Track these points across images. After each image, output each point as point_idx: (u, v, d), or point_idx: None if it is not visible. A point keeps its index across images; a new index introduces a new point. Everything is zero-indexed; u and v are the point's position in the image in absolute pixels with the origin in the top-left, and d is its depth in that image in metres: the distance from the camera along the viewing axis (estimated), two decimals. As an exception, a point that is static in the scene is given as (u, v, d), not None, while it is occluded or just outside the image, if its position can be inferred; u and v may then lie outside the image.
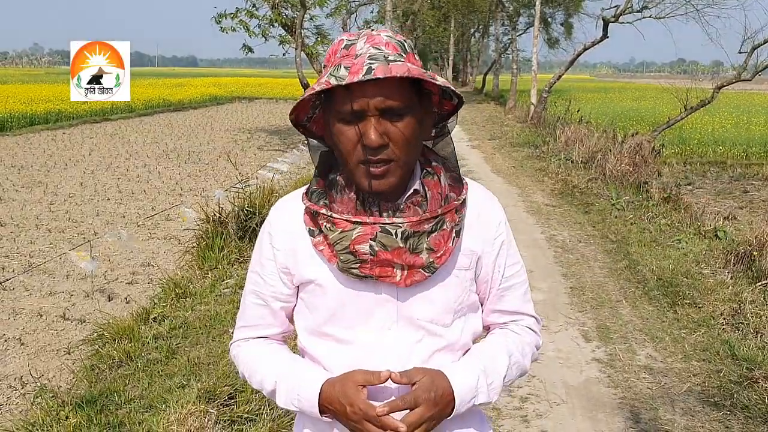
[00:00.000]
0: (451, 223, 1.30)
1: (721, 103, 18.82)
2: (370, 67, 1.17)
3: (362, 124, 1.22)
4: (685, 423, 3.55)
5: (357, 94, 1.20)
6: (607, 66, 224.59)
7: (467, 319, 1.39)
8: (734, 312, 4.91)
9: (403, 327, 1.32)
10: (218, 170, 13.31)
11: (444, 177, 1.34)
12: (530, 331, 1.47)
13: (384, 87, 1.20)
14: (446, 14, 43.88)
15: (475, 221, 1.38)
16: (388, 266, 1.27)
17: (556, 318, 5.03)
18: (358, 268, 1.27)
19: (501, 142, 16.48)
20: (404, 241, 1.26)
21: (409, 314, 1.32)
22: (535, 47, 22.68)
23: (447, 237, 1.29)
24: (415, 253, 1.27)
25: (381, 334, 1.32)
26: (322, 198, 1.32)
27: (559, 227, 7.91)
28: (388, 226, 1.26)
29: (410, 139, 1.25)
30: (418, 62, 1.28)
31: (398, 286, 1.30)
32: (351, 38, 1.26)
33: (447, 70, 60.64)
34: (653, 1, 18.39)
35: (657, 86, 32.57)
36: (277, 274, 1.40)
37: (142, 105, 27.91)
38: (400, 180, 1.27)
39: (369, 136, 1.21)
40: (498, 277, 1.42)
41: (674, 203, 9.01)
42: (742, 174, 15.89)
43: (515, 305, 1.45)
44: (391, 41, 1.24)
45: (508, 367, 1.37)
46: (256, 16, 16.72)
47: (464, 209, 1.34)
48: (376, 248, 1.25)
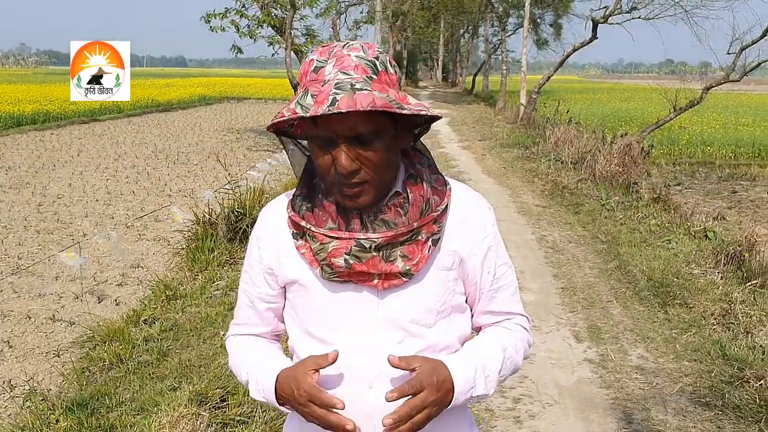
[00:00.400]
0: (427, 233, 1.32)
1: (710, 103, 18.93)
2: (334, 98, 1.17)
3: (334, 150, 1.24)
4: (677, 423, 3.56)
5: (325, 124, 1.22)
6: (596, 67, 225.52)
7: (452, 320, 1.40)
8: (725, 312, 4.93)
9: (385, 328, 1.34)
10: (207, 171, 13.26)
11: (427, 180, 1.35)
12: (522, 328, 1.48)
13: (351, 116, 1.20)
14: (436, 15, 43.98)
15: (461, 222, 1.38)
16: (366, 274, 1.30)
17: (547, 318, 5.04)
18: (337, 276, 1.31)
19: (491, 142, 16.51)
20: (377, 251, 1.28)
21: (390, 315, 1.34)
22: (525, 48, 22.73)
23: (422, 246, 1.31)
24: (389, 261, 1.29)
25: (362, 335, 1.34)
26: (305, 203, 1.35)
27: (549, 228, 7.93)
28: (363, 240, 1.28)
29: (383, 161, 1.27)
30: (393, 76, 1.28)
31: (375, 289, 1.32)
32: (321, 59, 1.25)
33: (437, 70, 60.69)
34: (642, 2, 18.48)
35: (645, 87, 32.73)
36: (262, 275, 1.43)
37: (131, 105, 27.72)
38: (375, 197, 1.29)
39: (340, 163, 1.23)
40: (488, 279, 1.43)
41: (664, 204, 9.05)
42: (731, 174, 16.00)
43: (506, 306, 1.47)
44: (361, 63, 1.23)
45: (503, 361, 1.38)
46: (245, 16, 16.66)
47: (445, 216, 1.35)
48: (351, 261, 1.28)
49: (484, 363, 1.35)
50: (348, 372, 1.34)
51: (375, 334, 1.34)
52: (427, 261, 1.33)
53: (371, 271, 1.29)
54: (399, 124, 1.30)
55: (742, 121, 22.75)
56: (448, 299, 1.38)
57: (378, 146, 1.25)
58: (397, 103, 1.21)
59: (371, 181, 1.27)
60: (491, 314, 1.47)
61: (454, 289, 1.39)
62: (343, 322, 1.35)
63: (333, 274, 1.31)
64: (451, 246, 1.37)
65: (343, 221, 1.31)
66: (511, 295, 1.48)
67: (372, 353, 1.33)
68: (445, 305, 1.38)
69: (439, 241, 1.35)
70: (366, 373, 1.33)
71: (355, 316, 1.34)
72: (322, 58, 1.25)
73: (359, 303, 1.34)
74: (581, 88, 47.71)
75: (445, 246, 1.36)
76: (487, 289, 1.44)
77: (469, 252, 1.39)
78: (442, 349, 1.37)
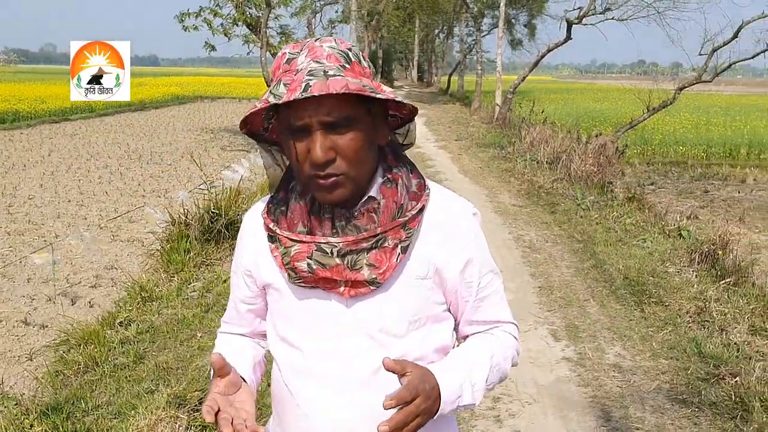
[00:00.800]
0: (394, 239, 1.27)
1: (682, 104, 19.19)
2: (307, 83, 1.16)
3: (309, 139, 1.22)
4: (655, 420, 3.59)
5: (299, 110, 1.20)
6: (569, 67, 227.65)
7: (428, 330, 1.35)
8: (700, 310, 4.99)
9: (353, 336, 1.31)
10: (181, 171, 13.14)
11: (403, 185, 1.31)
12: (510, 336, 1.45)
13: (325, 102, 1.19)
14: (411, 14, 44.01)
15: (436, 230, 1.33)
16: (331, 281, 1.27)
17: (525, 317, 5.06)
18: (303, 282, 1.29)
19: (467, 142, 16.57)
20: (341, 258, 1.25)
21: (358, 324, 1.31)
22: (500, 48, 22.85)
23: (390, 253, 1.27)
24: (355, 269, 1.26)
25: (330, 343, 1.32)
26: (280, 206, 1.33)
27: (526, 227, 7.97)
28: (323, 245, 1.26)
29: (359, 150, 1.24)
30: (366, 69, 1.27)
31: (344, 296, 1.29)
32: (293, 51, 1.25)
33: (412, 70, 60.79)
34: (616, 3, 18.69)
35: (619, 87, 33.11)
36: (242, 277, 1.44)
37: (103, 105, 27.38)
38: (351, 192, 1.26)
39: (315, 151, 1.21)
40: (471, 289, 1.38)
41: (638, 203, 9.15)
42: (703, 174, 16.26)
43: (493, 314, 1.43)
44: (334, 52, 1.23)
45: (490, 369, 1.35)
46: (219, 14, 16.56)
47: (416, 222, 1.30)
48: (314, 266, 1.26)
49: (470, 372, 1.31)
50: (316, 379, 1.32)
51: (343, 342, 1.31)
52: (396, 269, 1.29)
53: (335, 278, 1.26)
54: (375, 119, 1.28)
55: (713, 121, 23.12)
56: (423, 309, 1.34)
57: (354, 135, 1.23)
58: (371, 89, 1.20)
59: (347, 173, 1.24)
60: (477, 324, 1.43)
61: (429, 299, 1.35)
62: (310, 328, 1.33)
63: (298, 278, 1.29)
64: (425, 254, 1.32)
65: (314, 224, 1.28)
66: (498, 303, 1.43)
67: (340, 360, 1.31)
68: (419, 315, 1.33)
69: (409, 248, 1.30)
70: (333, 381, 1.31)
71: (322, 322, 1.32)
72: (295, 51, 1.24)
73: (327, 310, 1.31)
74: (555, 89, 48.10)
75: (418, 254, 1.32)
76: (471, 300, 1.39)
77: (445, 261, 1.34)
78: (414, 360, 1.30)
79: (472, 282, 1.37)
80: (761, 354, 4.32)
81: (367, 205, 1.28)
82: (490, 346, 1.39)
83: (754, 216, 11.47)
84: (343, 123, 1.21)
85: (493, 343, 1.40)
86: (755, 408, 3.57)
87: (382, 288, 1.29)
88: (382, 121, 1.32)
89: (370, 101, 1.25)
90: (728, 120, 23.33)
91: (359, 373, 1.30)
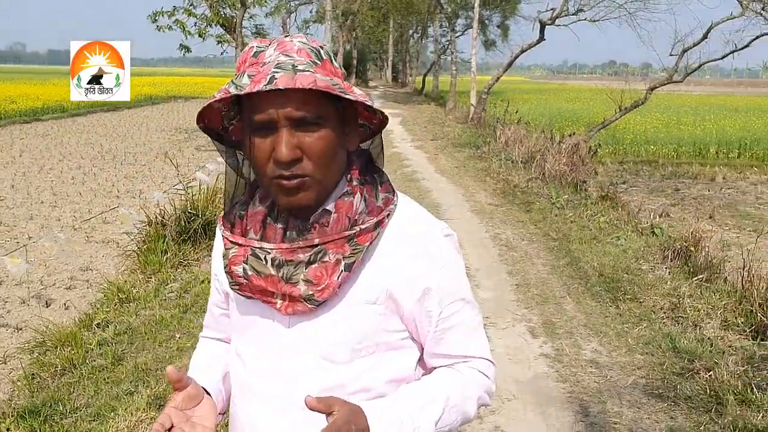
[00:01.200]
0: (336, 254, 1.15)
1: (653, 104, 19.47)
2: (273, 76, 1.08)
3: (274, 136, 1.13)
4: (632, 415, 3.65)
5: (264, 105, 1.12)
6: (542, 68, 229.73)
7: (379, 359, 1.23)
8: (673, 306, 5.08)
9: (292, 356, 1.22)
10: (155, 171, 13.02)
11: (362, 199, 1.20)
12: (478, 373, 1.29)
13: (292, 97, 1.11)
14: (385, 15, 44.11)
15: (399, 250, 1.21)
16: (267, 293, 1.19)
17: (503, 315, 5.10)
18: (239, 289, 1.21)
19: (443, 142, 16.64)
20: (276, 269, 1.16)
21: (297, 345, 1.21)
22: (474, 49, 22.98)
23: (331, 270, 1.15)
24: (290, 283, 1.16)
25: (271, 361, 1.24)
26: (240, 210, 1.26)
27: (502, 226, 8.04)
28: (257, 250, 1.18)
29: (326, 152, 1.15)
30: (337, 69, 1.19)
31: (280, 313, 1.20)
32: (261, 45, 1.17)
33: (387, 70, 60.83)
34: (588, 5, 18.90)
35: (591, 87, 33.46)
36: (214, 280, 1.40)
37: (74, 105, 27.02)
38: (316, 196, 1.18)
39: (280, 149, 1.12)
40: (431, 319, 1.24)
41: (611, 201, 9.28)
42: (673, 173, 16.52)
43: (458, 348, 1.28)
44: (305, 48, 1.15)
45: (444, 410, 1.21)
46: (193, 14, 16.45)
47: (368, 238, 1.17)
48: (249, 272, 1.18)
49: (417, 412, 1.18)
50: (256, 396, 1.26)
51: (284, 362, 1.23)
52: (339, 288, 1.17)
53: (270, 289, 1.17)
54: (345, 122, 1.21)
55: (683, 120, 23.47)
56: (371, 336, 1.21)
57: (322, 134, 1.14)
58: (341, 89, 1.11)
59: (313, 175, 1.15)
60: (440, 357, 1.28)
61: (380, 326, 1.22)
62: (254, 343, 1.26)
63: (235, 284, 1.21)
64: (378, 276, 1.20)
65: (267, 233, 1.20)
66: (467, 336, 1.28)
67: (282, 379, 1.23)
68: (366, 343, 1.21)
69: (359, 267, 1.18)
70: (274, 400, 1.23)
71: (264, 338, 1.24)
72: (263, 44, 1.17)
73: (269, 326, 1.23)
74: (528, 89, 48.49)
75: (370, 276, 1.20)
76: (432, 331, 1.25)
77: (401, 286, 1.21)
78: (357, 391, 1.21)
79: (431, 312, 1.24)
80: (733, 348, 4.42)
81: (321, 218, 1.19)
82: (448, 383, 1.25)
83: (723, 213, 11.70)
84: (311, 120, 1.13)
85: (454, 381, 1.26)
86: (729, 401, 3.65)
87: (324, 309, 1.19)
88: (353, 126, 1.23)
89: (339, 102, 1.17)
90: (698, 119, 23.71)
91: (296, 396, 1.17)
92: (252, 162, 1.18)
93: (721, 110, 28.57)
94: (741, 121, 23.62)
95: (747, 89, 74.38)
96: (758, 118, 24.86)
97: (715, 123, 22.68)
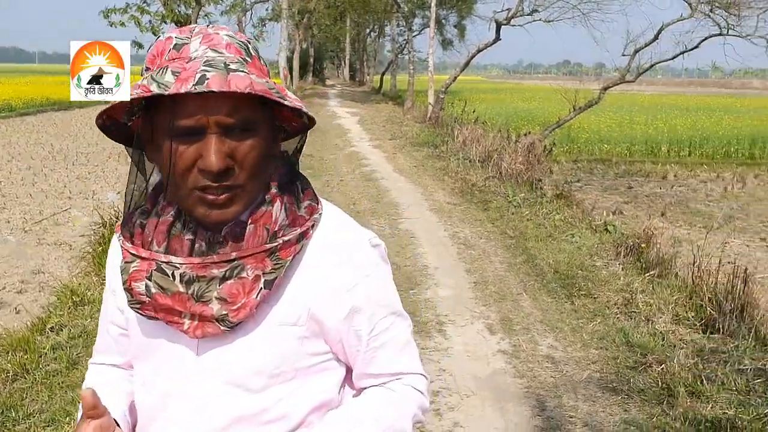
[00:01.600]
0: (255, 270, 1.04)
1: (606, 103, 19.86)
2: (203, 75, 0.94)
3: (200, 143, 1.00)
4: (587, 409, 3.73)
5: (191, 107, 0.98)
6: (498, 67, 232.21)
7: (300, 385, 1.12)
8: (626, 301, 5.21)
9: (201, 383, 1.10)
10: (109, 172, 12.77)
11: (282, 207, 1.08)
12: (412, 389, 1.20)
13: (225, 100, 0.98)
14: (342, 13, 44.05)
15: (321, 264, 1.10)
16: (173, 312, 1.05)
17: (462, 312, 5.16)
18: (140, 309, 1.07)
19: (401, 141, 16.70)
20: (185, 286, 1.02)
21: (206, 370, 1.09)
22: (431, 48, 23.11)
23: (249, 287, 1.03)
24: (201, 302, 1.03)
25: (178, 386, 1.11)
26: (140, 219, 1.10)
27: (461, 224, 8.11)
28: (164, 265, 1.03)
29: (259, 160, 1.04)
30: (264, 67, 1.09)
31: (188, 335, 1.06)
32: (182, 36, 1.03)
33: (344, 69, 60.73)
34: (543, 5, 19.18)
35: (546, 87, 34.00)
36: (110, 294, 1.22)
37: (23, 104, 26.38)
38: (244, 208, 1.06)
39: (209, 159, 0.99)
40: (361, 338, 1.15)
41: (566, 200, 9.45)
42: (626, 171, 16.91)
43: (391, 366, 1.19)
44: (233, 43, 1.04)
45: None
46: (147, 12, 16.17)
47: (291, 252, 1.07)
48: (153, 290, 1.04)
49: None
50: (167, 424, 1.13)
51: (192, 389, 1.10)
52: (256, 308, 1.05)
53: (178, 308, 1.03)
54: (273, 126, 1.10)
55: (635, 120, 23.99)
56: (291, 361, 1.10)
57: (254, 142, 1.03)
58: (278, 92, 1.00)
59: (245, 186, 1.03)
60: (372, 377, 1.19)
61: (301, 350, 1.11)
62: (159, 370, 1.12)
63: (135, 303, 1.06)
64: (300, 294, 1.09)
65: (172, 245, 1.05)
66: (398, 352, 1.19)
67: (186, 408, 1.11)
68: (284, 368, 1.10)
69: (276, 283, 1.06)
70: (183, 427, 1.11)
71: (171, 364, 1.11)
72: (183, 36, 1.03)
73: (175, 349, 1.10)
74: (485, 89, 49.00)
75: (292, 294, 1.09)
76: (362, 351, 1.15)
77: (324, 306, 1.10)
78: (275, 419, 1.10)
79: (360, 330, 1.14)
80: (684, 342, 4.55)
81: (235, 230, 1.05)
82: (378, 404, 1.17)
83: (675, 210, 12.03)
84: (244, 127, 1.01)
85: (387, 401, 1.17)
86: (680, 393, 3.75)
87: (239, 331, 1.06)
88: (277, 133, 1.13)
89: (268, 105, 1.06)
90: (649, 119, 24.26)
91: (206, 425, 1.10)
92: (168, 169, 1.03)
93: (672, 110, 29.29)
94: (691, 120, 24.26)
95: (697, 89, 76.50)
96: (708, 117, 25.56)
97: (666, 122, 23.23)
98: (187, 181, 1.01)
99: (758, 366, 4.12)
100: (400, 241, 7.04)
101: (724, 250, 7.35)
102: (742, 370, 4.07)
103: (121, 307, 1.16)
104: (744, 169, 17.75)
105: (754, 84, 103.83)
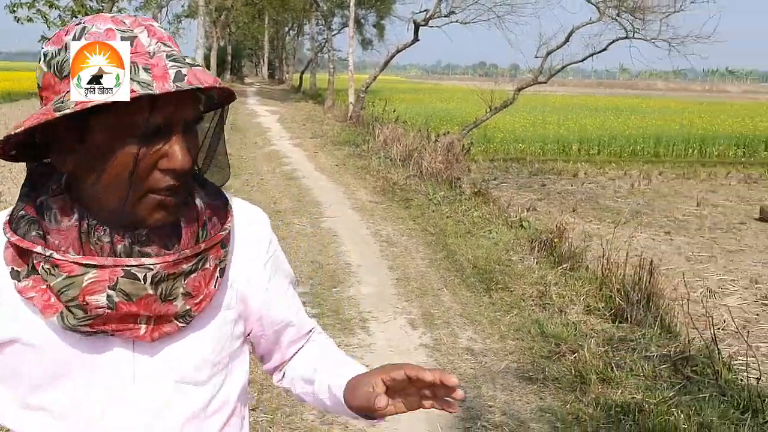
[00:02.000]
0: (215, 260, 1.03)
1: (520, 104, 20.44)
2: (179, 71, 0.90)
3: (163, 141, 0.94)
4: (505, 398, 3.89)
5: (161, 106, 0.92)
6: (417, 67, 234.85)
7: (230, 370, 1.11)
8: (541, 294, 5.43)
9: (144, 390, 1.02)
10: (18, 173, 12.26)
11: (202, 199, 1.05)
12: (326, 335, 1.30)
13: (187, 96, 0.94)
14: (261, 11, 43.59)
15: (240, 246, 1.12)
16: (130, 320, 0.97)
17: (385, 309, 5.26)
18: (90, 325, 0.95)
19: (322, 140, 16.70)
20: (154, 287, 0.96)
21: (151, 375, 1.02)
22: (351, 48, 23.20)
23: (209, 278, 1.02)
24: (167, 301, 0.98)
25: (113, 402, 1.01)
26: (32, 227, 0.96)
27: (383, 222, 8.23)
28: (135, 269, 0.94)
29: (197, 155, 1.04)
30: None
31: (143, 341, 0.99)
32: (124, 29, 0.94)
33: (263, 67, 60.02)
34: (459, 7, 19.58)
35: (463, 88, 34.63)
36: None
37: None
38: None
39: (176, 157, 0.94)
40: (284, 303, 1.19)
41: (484, 197, 9.73)
42: (540, 169, 17.48)
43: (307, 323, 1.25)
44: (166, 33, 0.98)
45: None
46: (56, 6, 15.62)
47: (229, 238, 1.08)
48: (116, 299, 0.94)
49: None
50: None
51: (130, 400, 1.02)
52: (212, 300, 1.04)
53: (143, 312, 0.96)
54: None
55: (548, 120, 24.78)
56: (226, 346, 1.09)
57: (197, 140, 1.02)
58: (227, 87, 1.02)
59: (187, 183, 1.00)
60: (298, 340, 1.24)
61: (233, 333, 1.11)
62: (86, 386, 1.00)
63: (84, 320, 0.94)
64: (231, 278, 1.09)
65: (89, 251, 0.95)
66: (302, 308, 1.25)
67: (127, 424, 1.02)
68: (222, 354, 1.09)
69: (226, 270, 1.07)
70: None
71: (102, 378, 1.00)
72: (124, 28, 0.94)
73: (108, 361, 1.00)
74: (404, 89, 49.49)
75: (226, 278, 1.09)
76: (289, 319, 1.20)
77: (249, 279, 1.12)
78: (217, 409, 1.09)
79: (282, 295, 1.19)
80: (595, 331, 4.79)
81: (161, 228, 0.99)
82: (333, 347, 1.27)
83: (585, 207, 12.58)
84: (193, 123, 0.99)
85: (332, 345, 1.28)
86: (592, 380, 3.97)
87: (190, 325, 1.02)
88: None
89: None
90: (561, 119, 25.08)
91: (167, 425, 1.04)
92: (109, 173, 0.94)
93: (583, 110, 30.39)
94: (600, 120, 25.25)
95: (605, 90, 79.59)
96: (615, 117, 26.70)
97: (576, 122, 24.09)
98: (143, 183, 0.94)
99: (663, 352, 4.40)
100: (323, 239, 7.09)
101: (631, 243, 7.78)
102: (648, 356, 4.33)
103: (1, 338, 1.00)
104: (649, 166, 18.66)
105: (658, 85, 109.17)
